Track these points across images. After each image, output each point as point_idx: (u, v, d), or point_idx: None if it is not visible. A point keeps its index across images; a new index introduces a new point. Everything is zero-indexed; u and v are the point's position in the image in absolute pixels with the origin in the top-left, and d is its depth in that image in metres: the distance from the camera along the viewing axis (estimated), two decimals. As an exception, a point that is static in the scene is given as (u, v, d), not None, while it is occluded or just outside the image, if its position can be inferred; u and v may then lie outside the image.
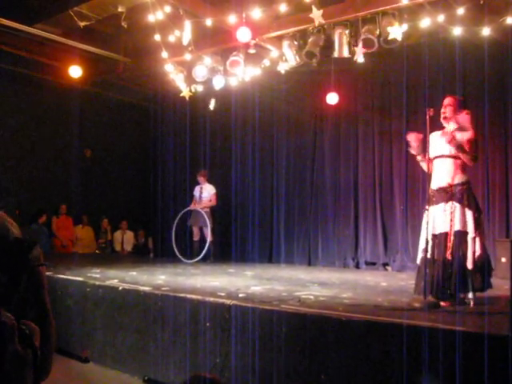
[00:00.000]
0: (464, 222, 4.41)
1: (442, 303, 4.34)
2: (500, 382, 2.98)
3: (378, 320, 3.65)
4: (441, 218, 4.47)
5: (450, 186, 4.47)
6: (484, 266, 4.40)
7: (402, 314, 3.86)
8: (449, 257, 4.38)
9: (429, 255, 4.45)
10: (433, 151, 4.60)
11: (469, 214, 4.42)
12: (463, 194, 4.44)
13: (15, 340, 1.22)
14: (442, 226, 4.47)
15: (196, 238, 9.29)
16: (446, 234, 4.43)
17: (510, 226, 7.48)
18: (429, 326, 3.36)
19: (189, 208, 9.34)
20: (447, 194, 4.47)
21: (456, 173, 4.48)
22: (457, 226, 4.40)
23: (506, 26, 6.13)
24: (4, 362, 1.18)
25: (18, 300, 1.32)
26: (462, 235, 4.39)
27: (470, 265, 4.34)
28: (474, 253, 4.35)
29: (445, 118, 4.62)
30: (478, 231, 4.40)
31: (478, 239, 4.38)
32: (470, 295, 4.37)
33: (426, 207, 4.61)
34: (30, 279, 1.36)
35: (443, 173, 4.52)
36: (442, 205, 4.48)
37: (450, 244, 4.39)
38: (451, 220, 4.41)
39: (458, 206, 4.43)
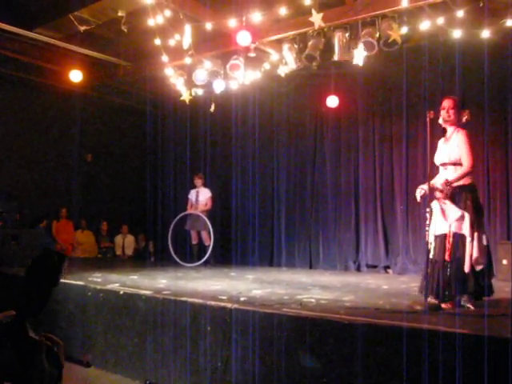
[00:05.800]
0: (461, 225, 4.40)
1: (443, 305, 4.34)
2: (502, 384, 2.98)
3: (380, 323, 3.64)
4: (440, 219, 4.47)
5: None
6: (483, 270, 4.39)
7: (404, 316, 3.86)
8: (448, 258, 4.37)
9: (431, 256, 4.47)
10: (438, 158, 4.67)
11: (467, 216, 4.41)
12: (463, 196, 4.44)
13: (43, 358, 1.21)
14: (442, 228, 4.46)
15: (194, 241, 9.30)
16: (445, 236, 4.43)
17: (511, 228, 7.47)
18: (430, 329, 3.35)
19: (186, 212, 9.33)
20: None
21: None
22: (454, 228, 4.40)
23: (505, 29, 6.15)
24: (30, 378, 1.18)
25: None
26: (460, 237, 4.38)
27: (466, 268, 4.33)
28: (471, 256, 4.33)
29: (447, 121, 4.59)
30: (475, 234, 4.38)
31: (475, 242, 4.37)
32: (466, 298, 4.36)
33: (428, 210, 4.60)
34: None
35: (446, 177, 4.53)
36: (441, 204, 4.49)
37: (449, 245, 4.39)
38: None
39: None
